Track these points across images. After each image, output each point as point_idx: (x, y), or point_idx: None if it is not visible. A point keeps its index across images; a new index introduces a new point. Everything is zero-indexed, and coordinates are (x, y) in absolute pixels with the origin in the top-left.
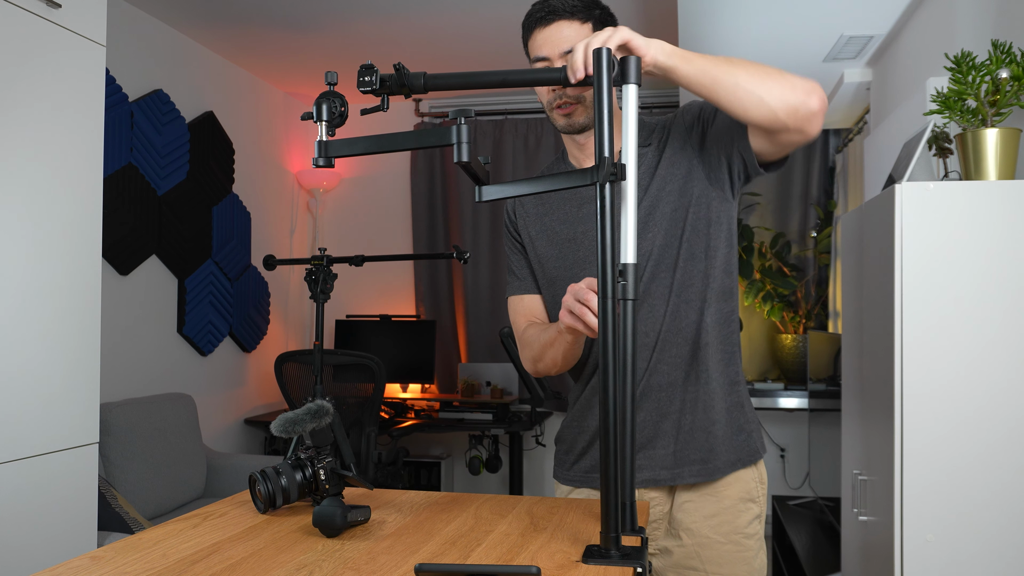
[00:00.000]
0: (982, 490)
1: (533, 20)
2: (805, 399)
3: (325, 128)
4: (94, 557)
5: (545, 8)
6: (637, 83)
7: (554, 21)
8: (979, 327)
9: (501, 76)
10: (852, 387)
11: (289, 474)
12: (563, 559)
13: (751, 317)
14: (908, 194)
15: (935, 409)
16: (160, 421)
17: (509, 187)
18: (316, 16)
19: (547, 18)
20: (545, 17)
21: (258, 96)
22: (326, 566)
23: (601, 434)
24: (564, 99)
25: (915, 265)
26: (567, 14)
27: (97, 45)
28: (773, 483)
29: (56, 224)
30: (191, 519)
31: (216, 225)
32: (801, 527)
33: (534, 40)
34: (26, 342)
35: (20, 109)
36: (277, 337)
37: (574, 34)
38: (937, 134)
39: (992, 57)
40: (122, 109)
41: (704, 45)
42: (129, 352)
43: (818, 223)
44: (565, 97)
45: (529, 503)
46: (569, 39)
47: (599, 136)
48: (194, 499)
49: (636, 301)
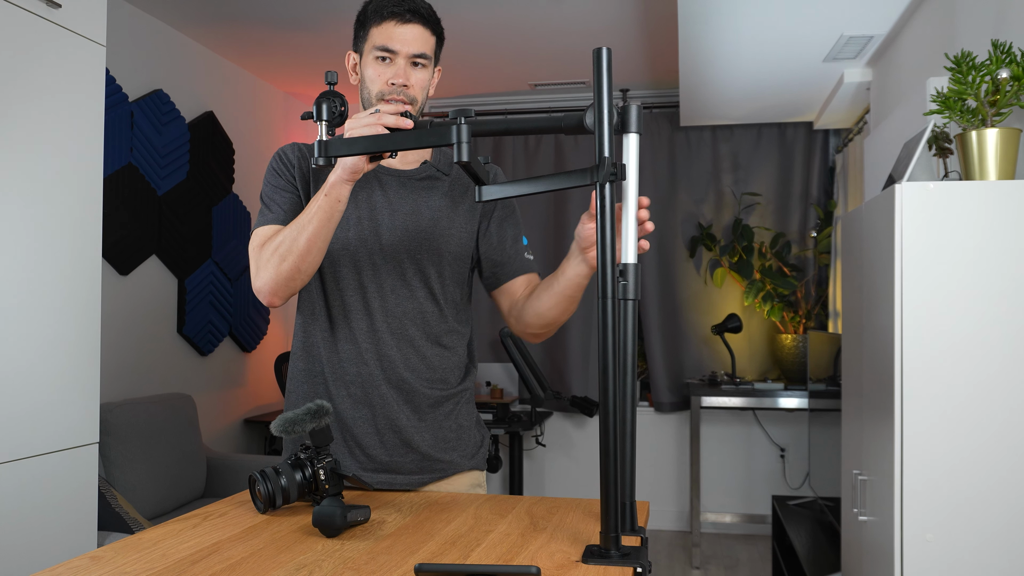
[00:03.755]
0: (982, 490)
1: (388, 12)
2: (805, 399)
3: (325, 128)
4: (94, 557)
5: (406, 6)
6: (638, 132)
7: (413, 22)
8: (980, 327)
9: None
10: (852, 387)
11: (289, 474)
12: (563, 559)
13: (751, 317)
14: (908, 194)
15: (935, 409)
16: (160, 421)
17: (509, 187)
18: (316, 16)
19: (407, 16)
20: (404, 15)
21: (258, 96)
22: (326, 566)
23: (601, 435)
24: (399, 96)
25: (915, 265)
26: (424, 21)
27: (97, 45)
28: (773, 483)
29: (56, 224)
30: (191, 519)
31: (216, 225)
32: (801, 527)
33: (384, 30)
34: (26, 342)
35: (20, 109)
36: (277, 337)
37: (423, 41)
38: (937, 134)
39: (992, 57)
40: (122, 109)
41: (704, 45)
42: (129, 352)
43: (818, 223)
44: (402, 94)
45: (529, 503)
46: (420, 43)
47: (599, 136)
48: (194, 499)
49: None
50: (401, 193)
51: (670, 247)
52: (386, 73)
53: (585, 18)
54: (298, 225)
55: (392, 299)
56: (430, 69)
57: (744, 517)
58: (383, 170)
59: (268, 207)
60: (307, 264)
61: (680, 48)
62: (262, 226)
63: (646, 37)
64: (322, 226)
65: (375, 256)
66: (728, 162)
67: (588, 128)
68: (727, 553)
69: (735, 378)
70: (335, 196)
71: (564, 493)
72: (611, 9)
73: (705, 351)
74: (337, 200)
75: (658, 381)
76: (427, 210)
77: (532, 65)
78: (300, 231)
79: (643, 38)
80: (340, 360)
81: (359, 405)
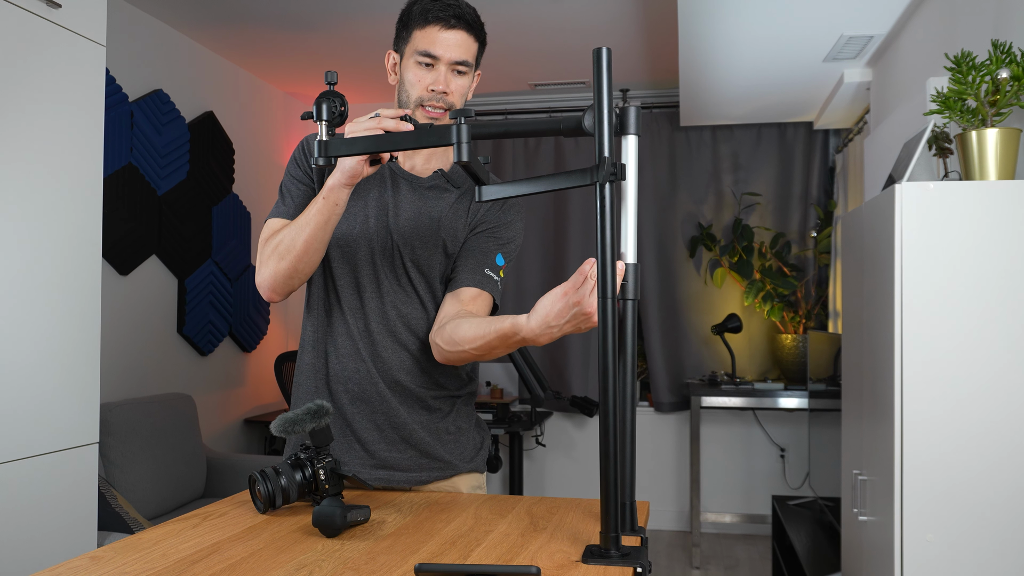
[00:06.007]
0: (982, 490)
1: (433, 16)
2: (805, 399)
3: (325, 128)
4: (94, 557)
5: (452, 11)
6: (636, 134)
7: (457, 28)
8: (979, 327)
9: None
10: (852, 387)
11: (289, 474)
12: (563, 559)
13: (751, 317)
14: (908, 194)
15: (935, 409)
16: (160, 421)
17: (509, 187)
18: (316, 16)
19: (451, 23)
20: (449, 20)
21: (258, 96)
22: (326, 566)
23: (601, 435)
24: (438, 103)
25: (915, 265)
26: (469, 27)
27: (97, 45)
28: (773, 483)
29: (56, 224)
30: (191, 519)
31: (216, 225)
32: (801, 527)
33: (428, 34)
34: (26, 342)
35: (20, 109)
36: (277, 337)
37: (467, 48)
38: (937, 134)
39: (992, 57)
40: (122, 109)
41: (704, 45)
42: (129, 352)
43: (818, 223)
44: (441, 101)
45: (529, 503)
46: (463, 50)
47: (599, 136)
48: (194, 499)
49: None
50: (409, 197)
51: (670, 247)
52: (427, 79)
53: (585, 18)
54: (297, 226)
55: (388, 300)
56: (470, 75)
57: (744, 517)
58: (399, 171)
59: (283, 198)
60: (304, 264)
61: (680, 48)
62: (273, 217)
63: (646, 37)
64: (319, 229)
65: (376, 256)
66: (728, 162)
67: (587, 130)
68: (727, 553)
69: (735, 378)
70: (333, 200)
71: (564, 493)
72: (611, 9)
73: (705, 351)
74: (335, 204)
75: (658, 381)
76: (428, 216)
77: (532, 65)
78: (299, 232)
79: (643, 38)
80: (339, 356)
81: (357, 401)
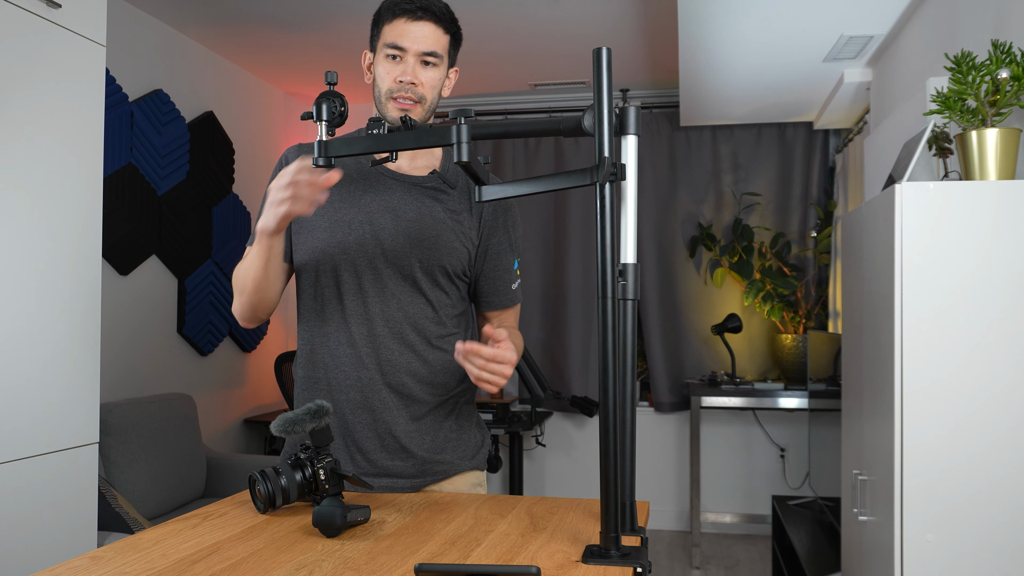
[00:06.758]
0: (982, 490)
1: (400, 9)
2: (805, 399)
3: (325, 128)
4: (94, 557)
5: (418, 3)
6: (636, 134)
7: (424, 19)
8: (979, 327)
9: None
10: (852, 387)
11: (289, 474)
12: (563, 559)
13: (751, 317)
14: (908, 194)
15: (935, 409)
16: (160, 421)
17: (509, 187)
18: (316, 16)
19: (418, 14)
20: (416, 12)
21: (258, 96)
22: (326, 566)
23: (601, 435)
24: (407, 93)
25: (915, 265)
26: (436, 19)
27: (97, 45)
28: (773, 483)
29: (56, 224)
30: (191, 519)
31: (216, 225)
32: (801, 527)
33: (395, 27)
34: (26, 342)
35: (20, 109)
36: (277, 337)
37: (435, 39)
38: (937, 134)
39: (992, 57)
40: (122, 109)
41: (704, 45)
42: (129, 352)
43: (818, 223)
44: (410, 92)
45: (529, 503)
46: (430, 42)
47: (599, 136)
48: (194, 499)
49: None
50: (407, 199)
51: (670, 247)
52: (395, 71)
53: (585, 18)
54: (244, 267)
55: (394, 303)
56: (442, 68)
57: (744, 517)
58: (389, 173)
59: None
60: (259, 299)
61: (680, 48)
62: (248, 244)
63: (646, 37)
64: (262, 269)
65: (376, 260)
66: (728, 162)
67: (587, 130)
68: (727, 553)
69: (735, 378)
70: (266, 244)
71: (564, 493)
72: (611, 9)
73: (705, 351)
74: (268, 248)
75: (658, 381)
76: (431, 219)
77: (532, 65)
78: (247, 272)
79: (643, 38)
80: (340, 365)
81: (359, 410)
